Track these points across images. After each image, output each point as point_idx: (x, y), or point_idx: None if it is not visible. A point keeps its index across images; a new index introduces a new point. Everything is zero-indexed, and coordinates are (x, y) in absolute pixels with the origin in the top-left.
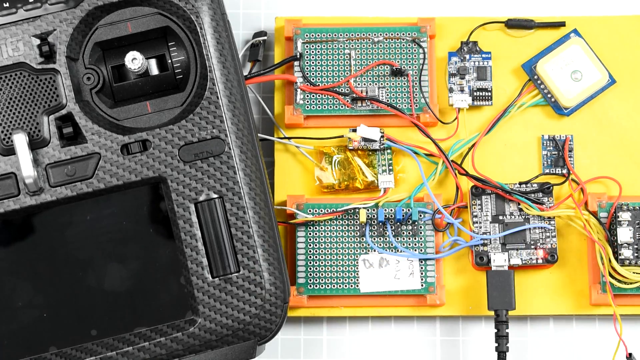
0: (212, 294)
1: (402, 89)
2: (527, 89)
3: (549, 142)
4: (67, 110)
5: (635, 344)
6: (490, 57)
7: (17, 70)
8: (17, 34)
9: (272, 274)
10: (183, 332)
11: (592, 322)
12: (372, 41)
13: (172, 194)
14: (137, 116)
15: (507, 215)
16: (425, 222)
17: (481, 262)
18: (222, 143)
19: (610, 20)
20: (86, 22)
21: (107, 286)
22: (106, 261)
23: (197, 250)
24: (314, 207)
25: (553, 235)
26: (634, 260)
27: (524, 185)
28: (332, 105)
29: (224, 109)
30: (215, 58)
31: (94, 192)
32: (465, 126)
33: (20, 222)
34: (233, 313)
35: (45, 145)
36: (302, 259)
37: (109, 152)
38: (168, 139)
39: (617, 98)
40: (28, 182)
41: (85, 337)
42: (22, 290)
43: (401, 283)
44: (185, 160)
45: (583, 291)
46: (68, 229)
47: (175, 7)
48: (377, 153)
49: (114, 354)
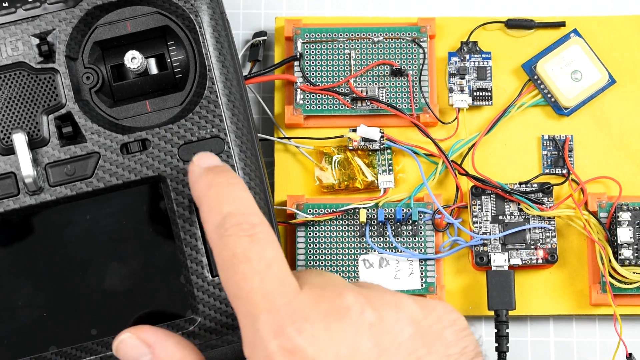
0: (212, 293)
1: (402, 89)
2: (527, 89)
3: (549, 142)
4: (67, 109)
5: (635, 344)
6: (490, 57)
7: (16, 69)
8: (16, 34)
9: None
10: (183, 332)
11: (592, 322)
12: (372, 41)
13: (171, 193)
14: (137, 115)
15: (507, 215)
16: (425, 222)
17: (481, 262)
18: (221, 142)
19: (610, 20)
20: (85, 21)
21: (107, 285)
22: (106, 260)
23: (197, 249)
24: (314, 207)
25: (553, 235)
26: (634, 260)
27: (524, 185)
28: (332, 105)
29: (224, 108)
30: (214, 57)
31: (94, 191)
32: (465, 126)
33: (19, 221)
34: (233, 312)
35: (44, 145)
36: (302, 259)
37: (108, 152)
38: (167, 138)
39: (617, 98)
40: (27, 182)
41: (86, 337)
42: (22, 290)
43: (401, 283)
44: (185, 160)
45: (583, 291)
46: (68, 228)
47: (174, 6)
48: (377, 153)
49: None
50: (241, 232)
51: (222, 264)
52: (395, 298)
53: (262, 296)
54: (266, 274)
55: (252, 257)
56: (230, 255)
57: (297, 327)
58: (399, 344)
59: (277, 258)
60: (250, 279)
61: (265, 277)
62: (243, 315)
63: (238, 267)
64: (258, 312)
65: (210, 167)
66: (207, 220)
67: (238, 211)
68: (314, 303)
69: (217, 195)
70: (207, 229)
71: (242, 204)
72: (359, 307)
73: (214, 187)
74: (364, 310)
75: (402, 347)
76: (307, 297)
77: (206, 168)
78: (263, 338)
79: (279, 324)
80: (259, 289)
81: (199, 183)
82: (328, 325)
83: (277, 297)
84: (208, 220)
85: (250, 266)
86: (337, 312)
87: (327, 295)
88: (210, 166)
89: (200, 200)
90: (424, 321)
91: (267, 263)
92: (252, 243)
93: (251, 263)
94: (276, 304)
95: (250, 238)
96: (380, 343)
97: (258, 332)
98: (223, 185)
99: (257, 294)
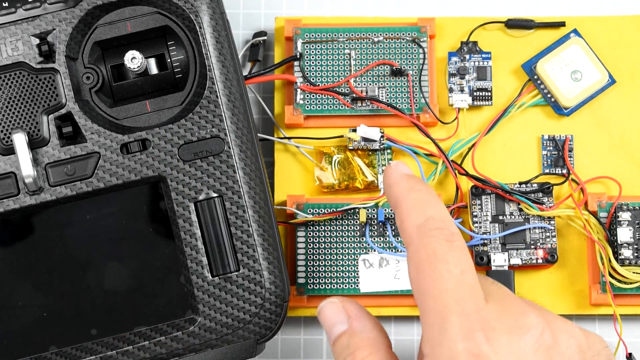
0: (212, 292)
1: (402, 89)
2: (527, 89)
3: (549, 142)
4: (67, 109)
5: (635, 344)
6: (490, 57)
7: (16, 69)
8: (16, 34)
9: (272, 272)
10: (183, 331)
11: (592, 322)
12: (372, 41)
13: (171, 193)
14: (137, 115)
15: (507, 215)
16: None
17: (481, 262)
18: (221, 142)
19: (610, 20)
20: (85, 21)
21: (107, 285)
22: (106, 260)
23: (197, 249)
24: (314, 207)
25: (553, 235)
26: (634, 260)
27: (524, 185)
28: (332, 105)
29: (224, 107)
30: (214, 57)
31: (94, 191)
32: (465, 126)
33: (20, 221)
34: (233, 312)
35: (44, 145)
36: (302, 259)
37: (108, 152)
38: (167, 138)
39: (617, 98)
40: (28, 182)
41: (86, 337)
42: (22, 290)
43: (401, 283)
44: (184, 160)
45: (583, 291)
46: (68, 228)
47: (174, 6)
48: (377, 153)
49: (114, 353)
50: (442, 236)
51: (418, 261)
52: (567, 325)
53: (454, 299)
54: (460, 279)
55: (450, 261)
56: (431, 254)
57: (485, 335)
58: None
59: (470, 268)
60: (446, 280)
61: (459, 282)
62: (431, 312)
63: (435, 266)
64: (449, 313)
65: (408, 174)
66: (407, 219)
67: (440, 217)
68: (500, 316)
69: (420, 198)
70: (406, 227)
71: (443, 212)
72: (540, 329)
73: (416, 191)
74: (544, 332)
75: None
76: (494, 309)
77: (405, 174)
78: (452, 338)
79: (469, 329)
80: (452, 292)
81: (400, 185)
82: (511, 339)
83: (468, 303)
84: (409, 219)
85: (448, 268)
86: (520, 330)
87: (512, 311)
88: (409, 174)
89: (399, 200)
90: (588, 352)
91: (462, 270)
92: (451, 249)
93: (448, 266)
94: (467, 310)
95: (450, 244)
96: None
97: (446, 331)
98: (425, 192)
99: (451, 296)
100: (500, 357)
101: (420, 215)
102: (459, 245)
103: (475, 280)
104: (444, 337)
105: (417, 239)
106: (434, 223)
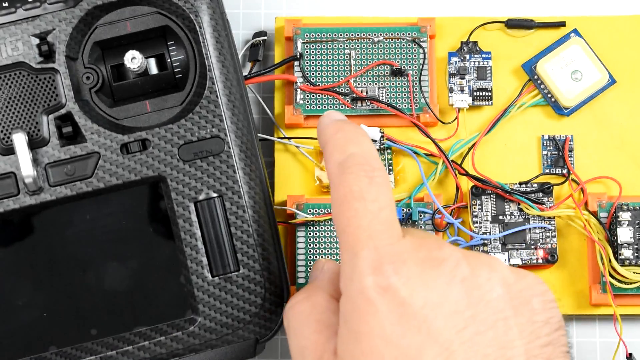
0: (212, 292)
1: (402, 89)
2: (527, 89)
3: (549, 142)
4: (67, 109)
5: (636, 344)
6: (490, 57)
7: (16, 69)
8: (16, 34)
9: (272, 272)
10: (183, 331)
11: (592, 322)
12: (372, 41)
13: (171, 193)
14: (137, 115)
15: (507, 215)
16: (425, 222)
17: None
18: (221, 142)
19: (610, 20)
20: (85, 21)
21: (107, 285)
22: (106, 260)
23: (196, 249)
24: (314, 207)
25: (553, 235)
26: (634, 260)
27: (524, 185)
28: (332, 105)
29: (224, 108)
30: (214, 57)
31: (94, 191)
32: (465, 126)
33: (19, 221)
34: (233, 312)
35: (44, 145)
36: (302, 259)
37: (108, 152)
38: (167, 138)
39: (617, 98)
40: (27, 182)
41: (85, 337)
42: (22, 290)
43: None
44: (184, 160)
45: (583, 291)
46: (68, 228)
47: (174, 6)
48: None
49: (114, 353)
50: (361, 172)
51: (337, 198)
52: (490, 259)
53: (368, 235)
54: (376, 215)
55: (367, 197)
56: (348, 191)
57: (394, 268)
58: (487, 302)
59: (389, 204)
60: (361, 217)
61: (374, 218)
62: (345, 249)
63: (352, 203)
64: (360, 248)
65: (340, 119)
66: (329, 159)
67: (362, 153)
68: (413, 250)
69: (344, 137)
70: (328, 167)
71: (366, 148)
72: (455, 260)
73: (341, 131)
74: (459, 264)
75: (490, 305)
76: (408, 243)
77: (336, 119)
78: (361, 272)
79: (378, 262)
80: (366, 228)
81: (328, 128)
82: (423, 271)
83: (382, 238)
84: (331, 158)
85: (364, 205)
86: (433, 261)
87: (427, 245)
88: (340, 119)
89: (326, 143)
90: (515, 285)
91: (380, 206)
92: (370, 185)
93: (365, 202)
94: (378, 244)
95: (369, 180)
96: (469, 297)
97: (356, 266)
98: (350, 131)
99: (364, 232)
100: (410, 289)
101: (342, 153)
102: (379, 182)
103: (392, 217)
104: (355, 272)
105: (337, 177)
106: (355, 159)
